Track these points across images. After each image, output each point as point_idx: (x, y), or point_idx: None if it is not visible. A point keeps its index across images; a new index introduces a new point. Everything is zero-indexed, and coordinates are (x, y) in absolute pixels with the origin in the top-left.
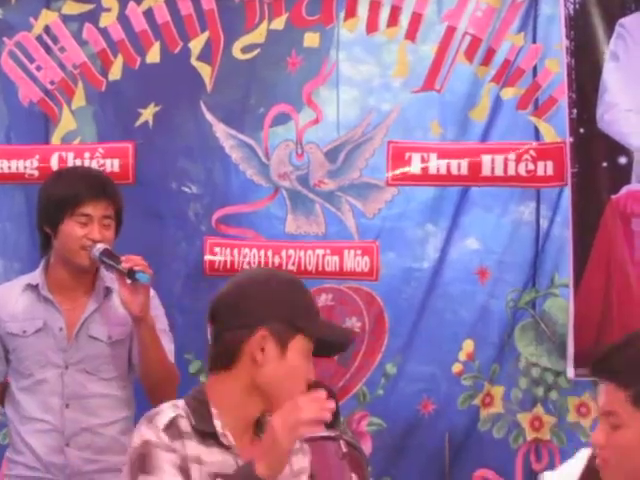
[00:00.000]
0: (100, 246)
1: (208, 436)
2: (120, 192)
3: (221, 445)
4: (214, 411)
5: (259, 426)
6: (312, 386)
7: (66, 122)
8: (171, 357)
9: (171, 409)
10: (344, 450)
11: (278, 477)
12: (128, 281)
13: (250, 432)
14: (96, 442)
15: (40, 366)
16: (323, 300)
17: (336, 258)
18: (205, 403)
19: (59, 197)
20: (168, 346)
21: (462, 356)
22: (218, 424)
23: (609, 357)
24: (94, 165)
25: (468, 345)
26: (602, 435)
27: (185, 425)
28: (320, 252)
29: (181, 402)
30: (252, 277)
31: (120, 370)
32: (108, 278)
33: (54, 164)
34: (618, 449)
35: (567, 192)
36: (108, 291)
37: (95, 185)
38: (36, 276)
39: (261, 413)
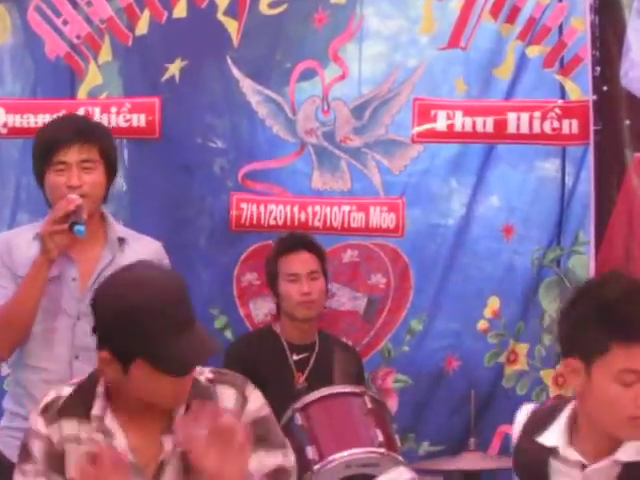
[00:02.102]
0: (71, 196)
1: (89, 416)
2: (104, 132)
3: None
4: (100, 390)
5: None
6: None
7: (92, 77)
8: None
9: (60, 389)
10: (369, 406)
11: None
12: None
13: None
14: None
15: (52, 314)
16: (349, 256)
17: (362, 214)
18: (94, 382)
19: (37, 150)
20: None
21: (488, 313)
22: (98, 405)
23: None
24: (120, 120)
25: (494, 302)
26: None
27: (65, 404)
28: (346, 208)
29: (79, 380)
30: (133, 284)
31: None
32: (120, 228)
33: None
34: None
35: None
36: (122, 242)
37: (67, 130)
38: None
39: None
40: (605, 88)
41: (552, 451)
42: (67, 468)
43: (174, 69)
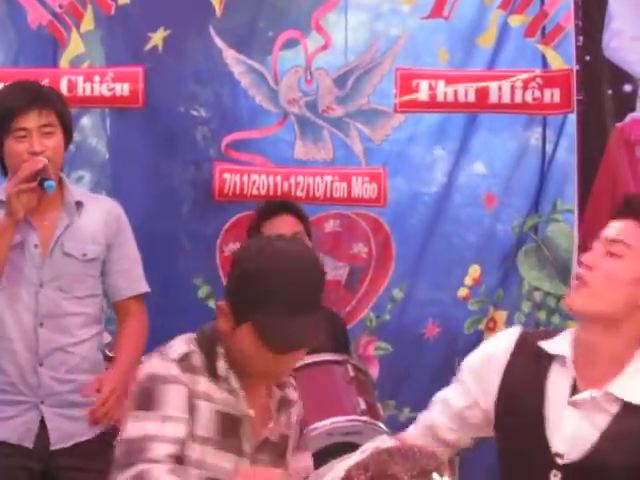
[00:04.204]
0: (37, 157)
1: (216, 375)
2: (59, 97)
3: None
4: (220, 351)
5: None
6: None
7: (74, 46)
8: (140, 286)
9: (185, 344)
10: (351, 374)
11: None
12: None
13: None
14: (68, 361)
15: (15, 283)
16: (331, 226)
17: (344, 184)
18: (213, 342)
19: None
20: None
21: (468, 281)
22: (222, 365)
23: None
24: (104, 89)
25: (474, 270)
26: (596, 257)
27: (197, 361)
28: (328, 179)
29: (192, 337)
30: (275, 252)
31: (93, 288)
32: (76, 191)
33: (63, 88)
34: (609, 275)
35: (572, 118)
36: (79, 205)
37: (24, 96)
38: (4, 192)
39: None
40: (588, 58)
41: (553, 360)
42: (196, 424)
43: (157, 39)
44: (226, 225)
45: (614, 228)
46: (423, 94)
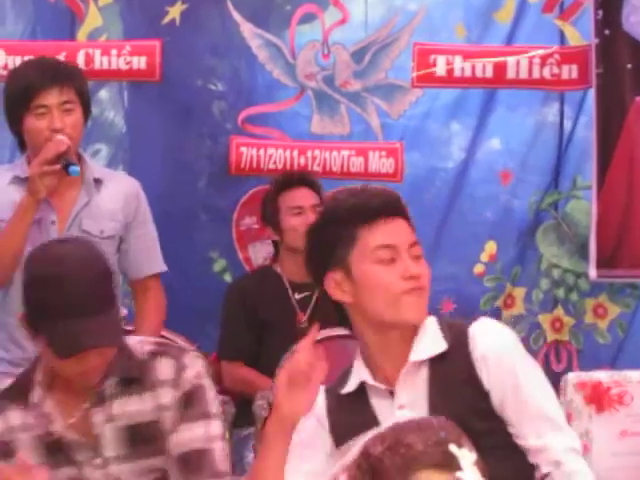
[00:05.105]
0: (59, 137)
1: (28, 404)
2: (79, 73)
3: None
4: (37, 378)
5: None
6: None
7: (92, 19)
8: (158, 265)
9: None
10: None
11: None
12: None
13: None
14: None
15: None
16: None
17: (361, 159)
18: (32, 371)
19: (13, 94)
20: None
21: (484, 257)
22: (36, 394)
23: (398, 199)
24: (121, 63)
25: (490, 246)
26: (417, 265)
27: (5, 396)
28: (345, 153)
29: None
30: (42, 258)
31: None
32: (96, 168)
33: (81, 61)
34: (428, 279)
35: (591, 95)
36: (98, 183)
37: (44, 73)
38: (22, 169)
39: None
40: (607, 32)
41: (362, 391)
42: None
43: (175, 12)
44: (242, 199)
45: (398, 232)
46: (440, 69)
